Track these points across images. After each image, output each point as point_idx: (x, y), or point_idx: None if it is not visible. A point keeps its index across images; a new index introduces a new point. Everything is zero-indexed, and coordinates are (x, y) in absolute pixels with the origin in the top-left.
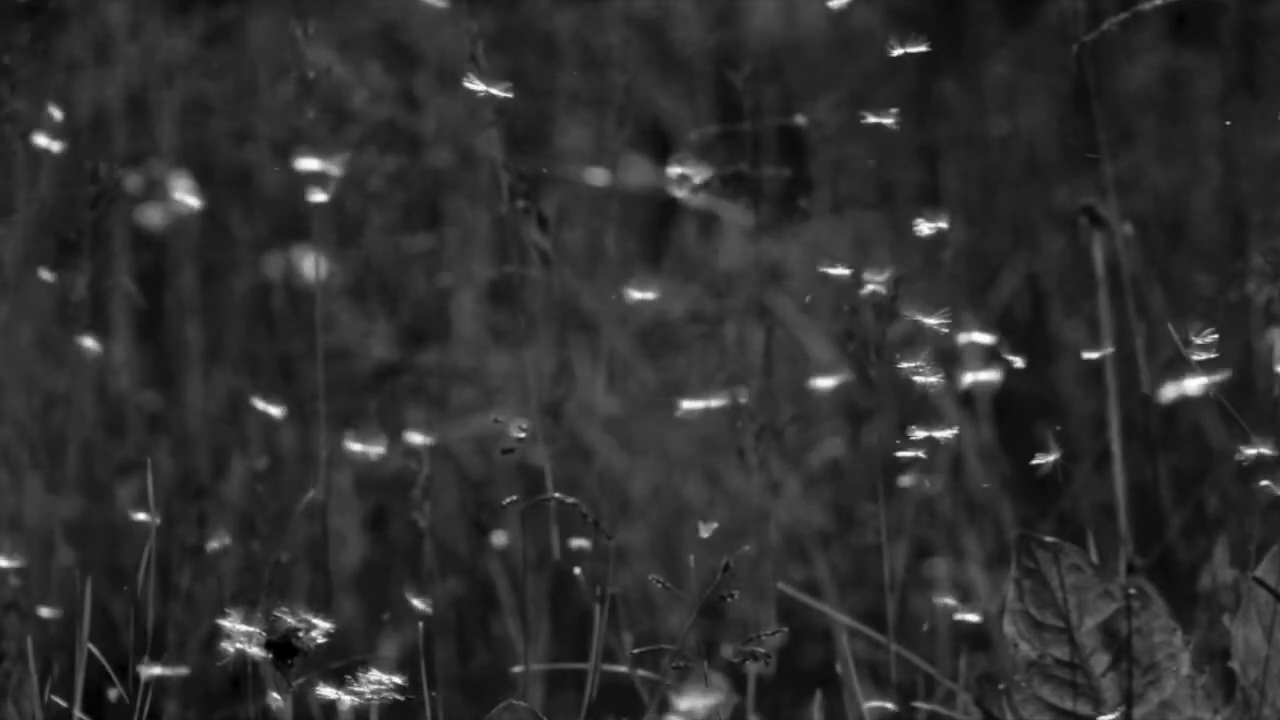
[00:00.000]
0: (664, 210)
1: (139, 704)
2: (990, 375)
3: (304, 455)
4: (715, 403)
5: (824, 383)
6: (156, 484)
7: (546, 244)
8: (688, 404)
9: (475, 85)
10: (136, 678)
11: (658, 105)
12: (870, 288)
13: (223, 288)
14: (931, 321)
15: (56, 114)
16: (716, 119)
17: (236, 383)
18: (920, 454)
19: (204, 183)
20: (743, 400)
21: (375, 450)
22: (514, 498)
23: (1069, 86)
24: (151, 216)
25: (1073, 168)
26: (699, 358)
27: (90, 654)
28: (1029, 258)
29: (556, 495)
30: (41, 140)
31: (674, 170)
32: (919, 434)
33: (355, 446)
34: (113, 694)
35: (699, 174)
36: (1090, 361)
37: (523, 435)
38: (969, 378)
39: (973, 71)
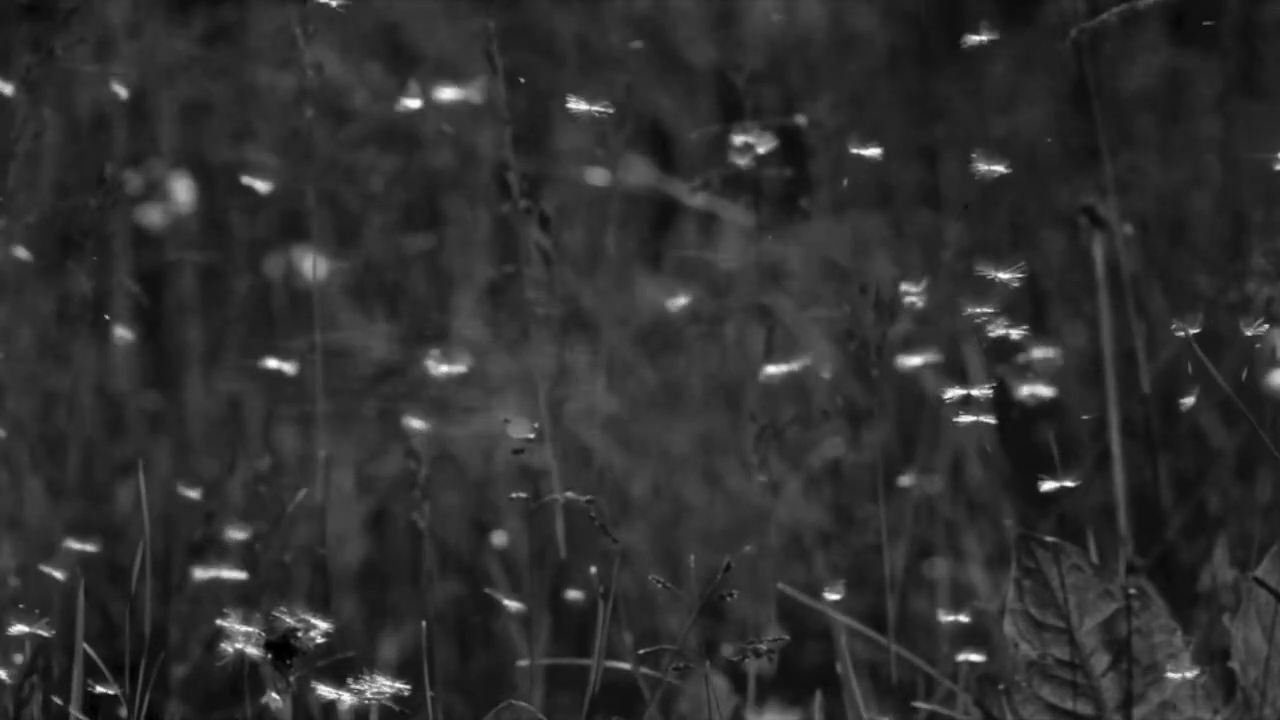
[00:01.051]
0: (664, 210)
1: (136, 705)
2: (1045, 390)
3: (304, 455)
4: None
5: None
6: (157, 485)
7: (548, 243)
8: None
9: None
10: (134, 678)
11: (658, 105)
12: (871, 287)
13: (223, 288)
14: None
15: (56, 114)
16: (716, 119)
17: (237, 383)
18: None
19: (204, 183)
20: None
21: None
22: (523, 495)
23: (1069, 86)
24: (151, 216)
25: (1073, 168)
26: (699, 358)
27: (87, 655)
28: (1029, 258)
29: (569, 494)
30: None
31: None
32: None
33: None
34: (113, 694)
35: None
36: (1090, 361)
37: (531, 436)
38: (1025, 390)
39: (973, 71)
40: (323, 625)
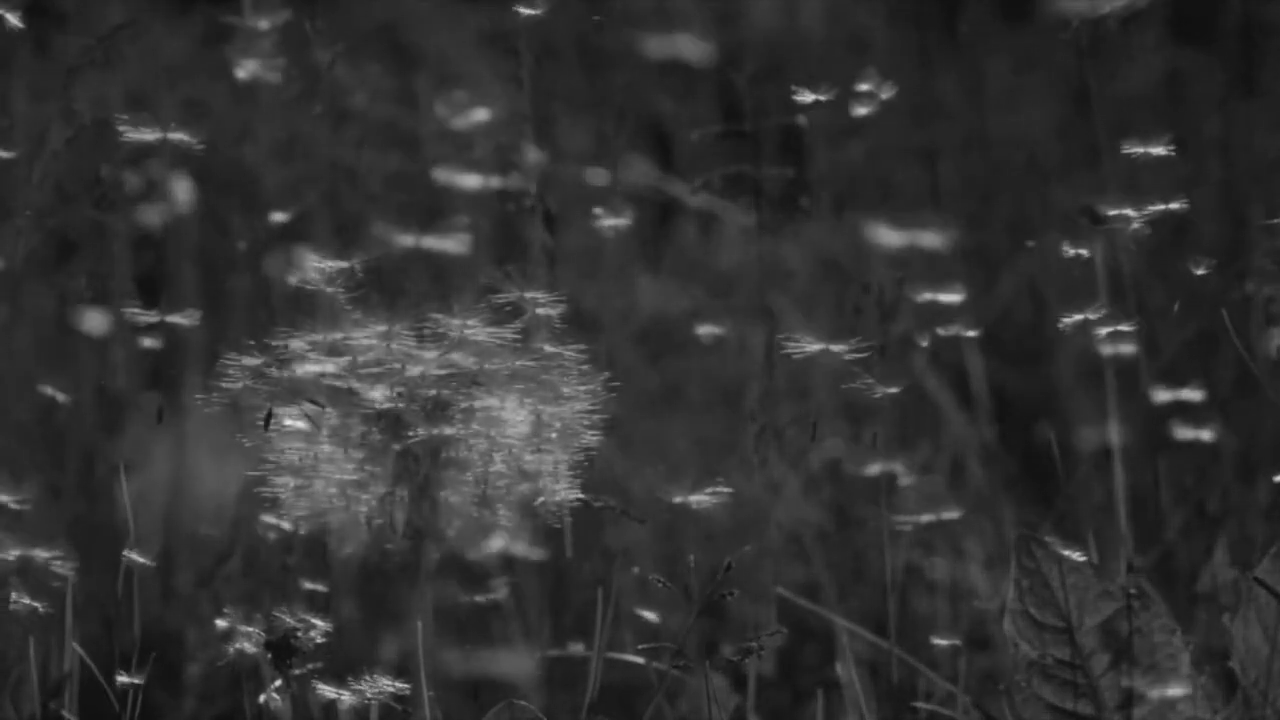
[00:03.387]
0: (664, 210)
1: (131, 705)
2: (1203, 433)
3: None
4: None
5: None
6: (158, 485)
7: (552, 242)
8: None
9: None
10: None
11: (658, 105)
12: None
13: (223, 288)
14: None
15: (57, 114)
16: (716, 119)
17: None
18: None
19: (204, 183)
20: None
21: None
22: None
23: (1069, 86)
24: (151, 216)
25: (1073, 168)
26: (699, 358)
27: (86, 655)
28: (1029, 258)
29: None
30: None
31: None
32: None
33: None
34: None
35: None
36: (1090, 361)
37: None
38: (1183, 433)
39: (973, 71)
40: (322, 625)
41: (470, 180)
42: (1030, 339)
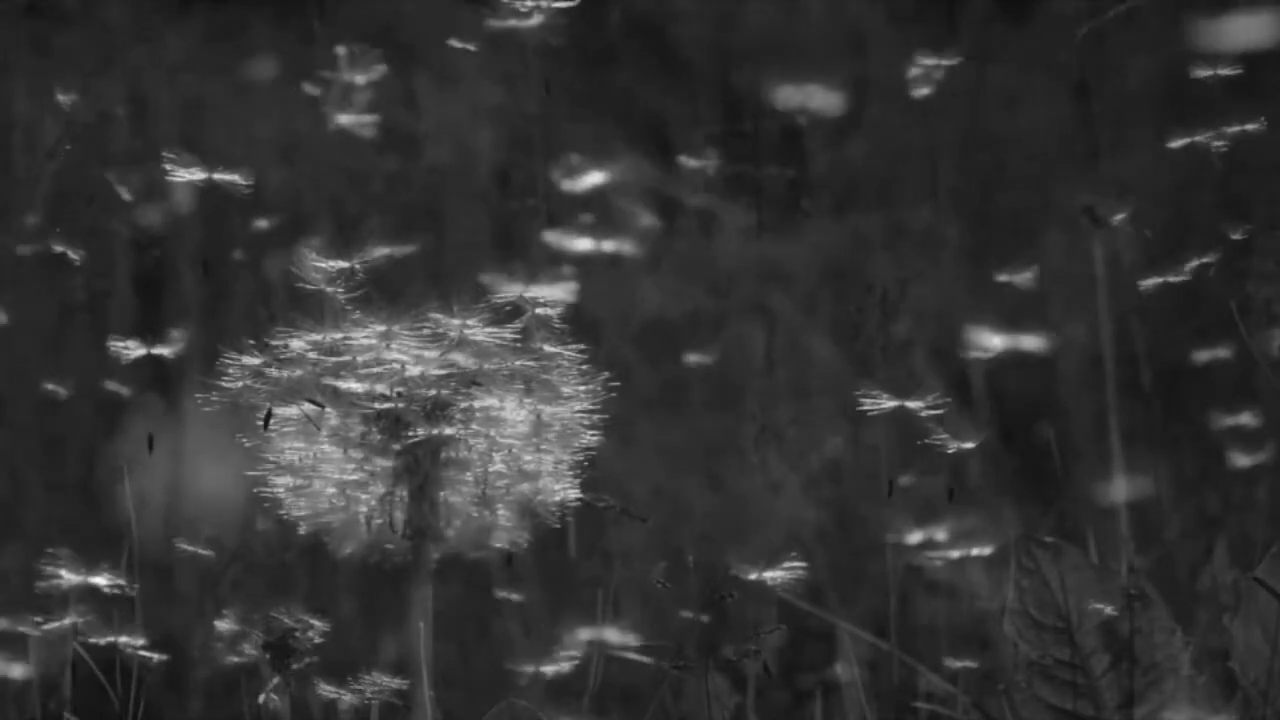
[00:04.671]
0: (664, 210)
1: (131, 705)
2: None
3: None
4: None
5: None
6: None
7: (553, 242)
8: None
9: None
10: (128, 678)
11: (658, 105)
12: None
13: (223, 288)
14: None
15: (57, 115)
16: (716, 119)
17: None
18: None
19: (204, 183)
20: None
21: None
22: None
23: (1070, 86)
24: (151, 216)
25: (1073, 168)
26: (699, 358)
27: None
28: (1029, 258)
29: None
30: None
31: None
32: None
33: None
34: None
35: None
36: (1091, 361)
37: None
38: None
39: (973, 70)
40: (322, 625)
41: (583, 244)
42: (1031, 338)
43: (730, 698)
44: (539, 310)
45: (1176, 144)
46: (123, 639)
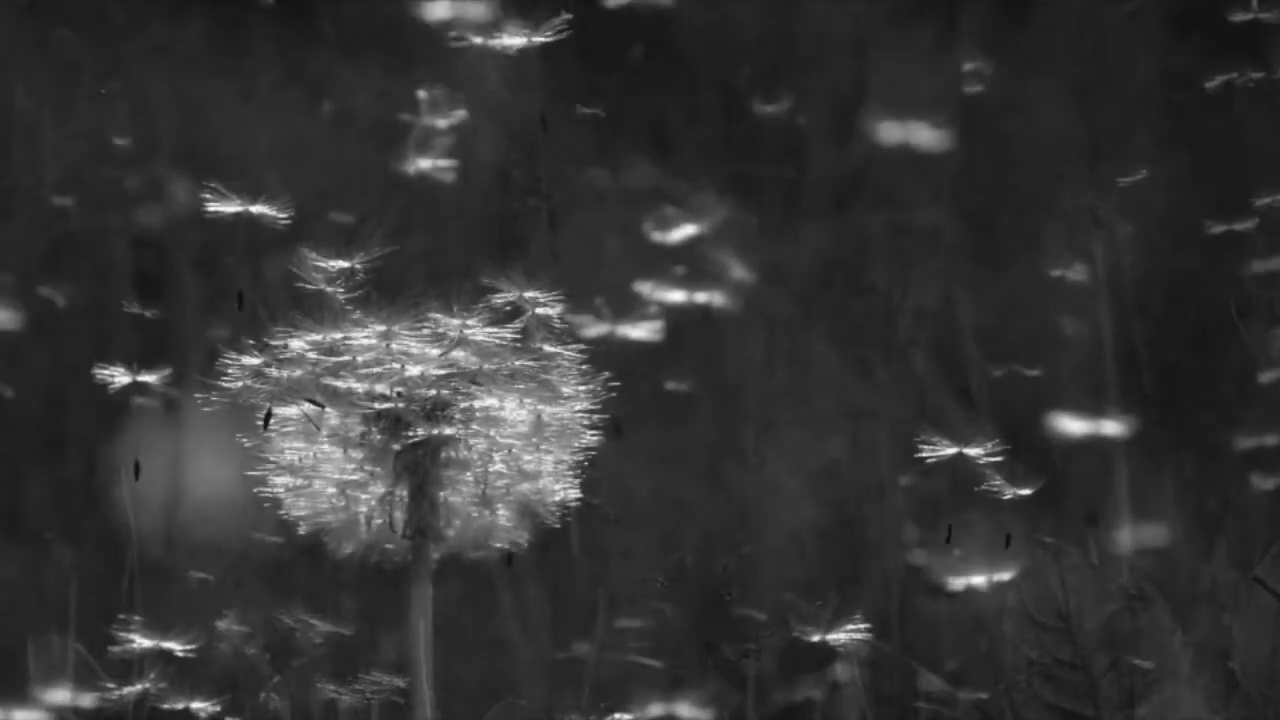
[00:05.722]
0: (664, 210)
1: (135, 706)
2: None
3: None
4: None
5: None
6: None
7: (554, 242)
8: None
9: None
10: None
11: (658, 105)
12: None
13: (222, 288)
14: None
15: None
16: (717, 119)
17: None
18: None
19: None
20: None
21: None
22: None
23: (1070, 85)
24: (151, 217)
25: (1074, 167)
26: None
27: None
28: (1029, 258)
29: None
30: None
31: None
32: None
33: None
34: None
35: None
36: (1092, 360)
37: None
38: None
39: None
40: (323, 626)
41: (675, 295)
42: (1031, 337)
43: (731, 697)
44: (539, 310)
45: (1213, 83)
46: (195, 704)
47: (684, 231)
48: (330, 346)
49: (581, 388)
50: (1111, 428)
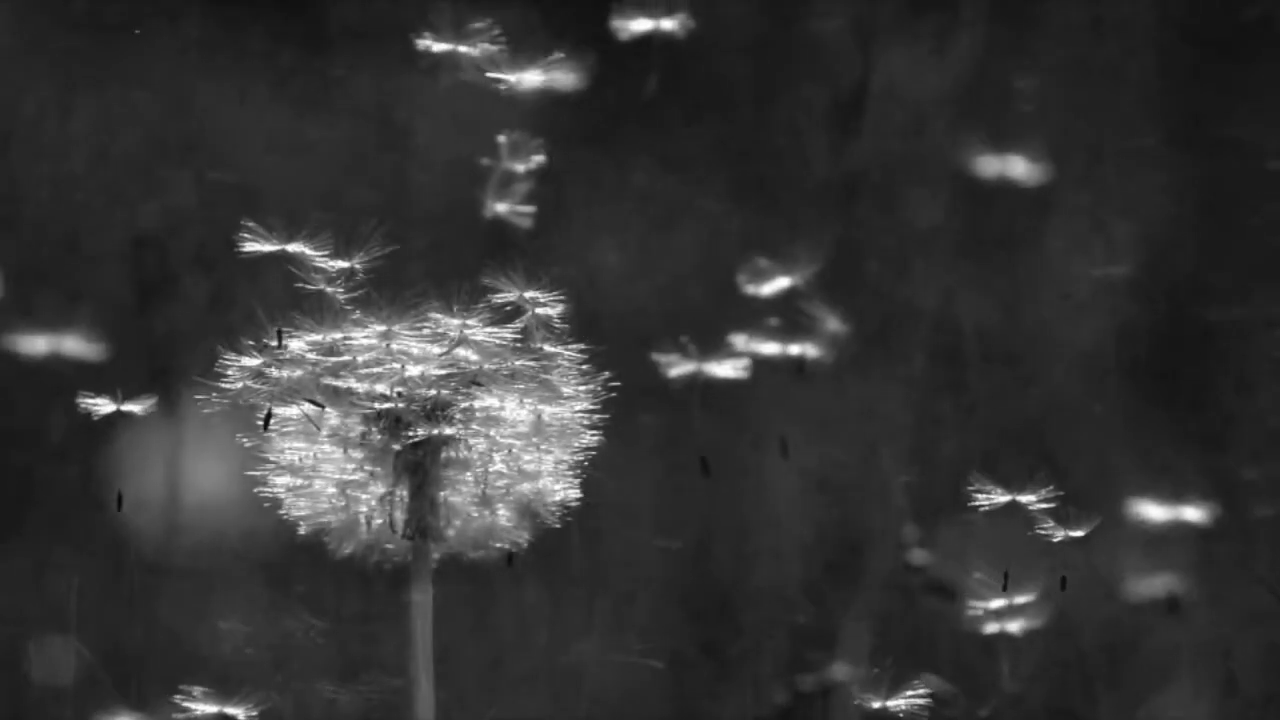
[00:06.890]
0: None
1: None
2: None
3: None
4: None
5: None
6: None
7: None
8: None
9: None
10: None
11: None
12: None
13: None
14: None
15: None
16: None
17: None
18: None
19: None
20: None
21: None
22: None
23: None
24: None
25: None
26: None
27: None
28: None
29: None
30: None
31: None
32: None
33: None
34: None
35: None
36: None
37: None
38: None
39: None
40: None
41: (769, 348)
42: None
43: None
44: (539, 310)
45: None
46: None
47: (779, 284)
48: (330, 346)
49: (582, 388)
50: (1192, 514)
